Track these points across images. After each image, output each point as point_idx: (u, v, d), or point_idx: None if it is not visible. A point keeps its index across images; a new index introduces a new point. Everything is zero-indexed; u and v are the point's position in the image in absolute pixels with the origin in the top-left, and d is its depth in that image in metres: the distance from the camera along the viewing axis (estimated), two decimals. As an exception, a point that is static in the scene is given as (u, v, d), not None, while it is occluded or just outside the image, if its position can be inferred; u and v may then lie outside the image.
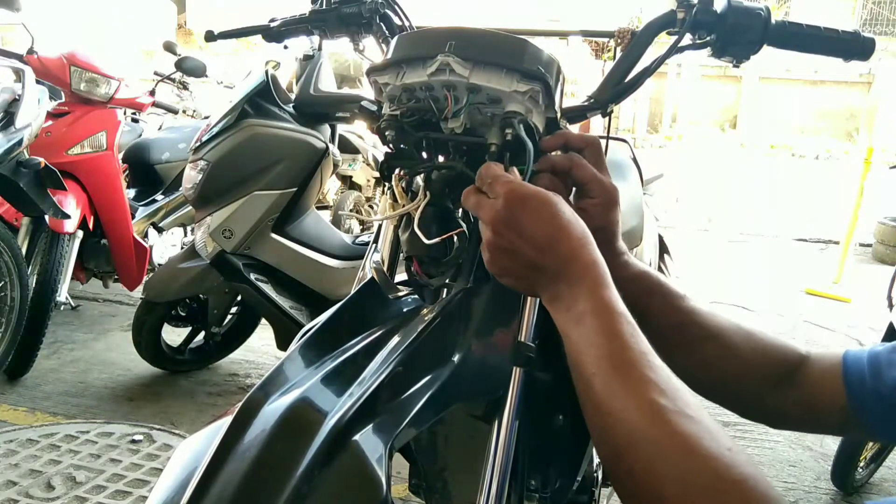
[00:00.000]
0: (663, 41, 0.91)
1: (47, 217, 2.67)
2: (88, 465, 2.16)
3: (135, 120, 3.81)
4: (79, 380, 2.82)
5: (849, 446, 2.20)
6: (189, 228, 3.53)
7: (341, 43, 1.17)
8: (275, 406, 0.60)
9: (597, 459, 1.04)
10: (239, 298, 2.81)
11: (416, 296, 0.83)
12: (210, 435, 0.61)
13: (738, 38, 0.88)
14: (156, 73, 3.96)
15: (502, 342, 0.76)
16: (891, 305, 2.14)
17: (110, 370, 2.91)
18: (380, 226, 0.93)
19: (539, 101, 0.73)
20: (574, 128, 0.87)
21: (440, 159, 0.78)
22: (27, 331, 2.67)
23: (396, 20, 1.12)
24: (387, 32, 1.10)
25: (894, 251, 5.22)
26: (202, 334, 2.92)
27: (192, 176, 2.48)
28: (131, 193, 3.42)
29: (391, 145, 0.77)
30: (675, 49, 0.90)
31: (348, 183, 4.54)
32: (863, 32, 0.89)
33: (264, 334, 2.99)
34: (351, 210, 4.25)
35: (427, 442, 0.90)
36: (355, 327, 0.74)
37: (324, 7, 1.14)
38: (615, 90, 0.88)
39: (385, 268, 0.85)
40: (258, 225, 2.49)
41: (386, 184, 0.79)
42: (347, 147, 4.11)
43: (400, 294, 0.82)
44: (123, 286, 3.23)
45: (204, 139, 2.47)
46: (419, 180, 0.78)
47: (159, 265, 3.25)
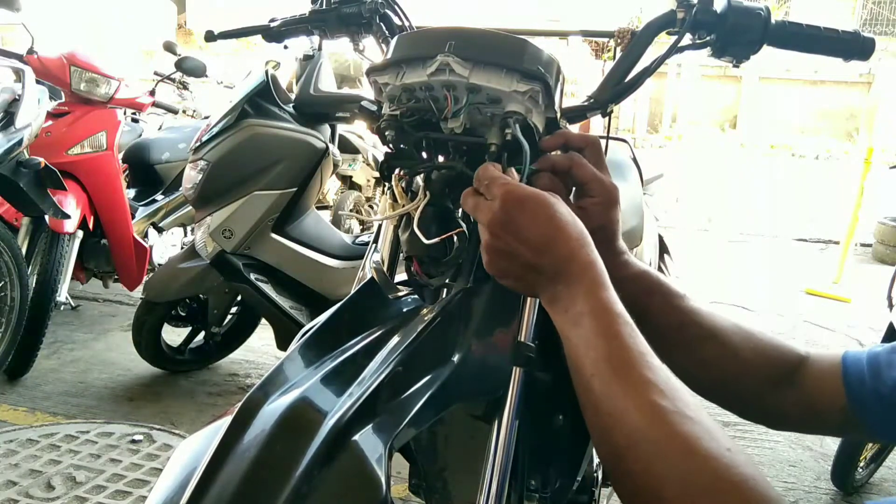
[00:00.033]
0: (663, 41, 0.91)
1: (47, 217, 2.68)
2: (88, 465, 2.16)
3: (135, 120, 3.81)
4: (79, 380, 2.82)
5: (849, 446, 2.20)
6: (189, 228, 3.53)
7: (341, 43, 1.16)
8: (274, 406, 0.60)
9: (597, 459, 1.04)
10: (239, 298, 2.82)
11: (416, 296, 0.82)
12: (210, 435, 0.61)
13: (738, 38, 0.88)
14: (156, 73, 3.96)
15: (502, 342, 0.76)
16: (891, 305, 2.14)
17: (110, 370, 2.91)
18: (380, 226, 0.93)
19: (539, 101, 0.73)
20: (574, 128, 0.87)
21: (440, 159, 0.78)
22: (27, 331, 2.67)
23: (396, 20, 1.12)
24: (387, 32, 1.10)
25: (894, 251, 5.22)
26: (202, 334, 2.92)
27: (192, 176, 2.48)
28: (131, 193, 3.42)
29: (391, 145, 0.77)
30: (675, 49, 0.90)
31: (348, 183, 4.54)
32: (863, 32, 0.89)
33: (264, 334, 2.99)
34: (351, 210, 4.25)
35: (427, 442, 0.90)
36: (355, 327, 0.74)
37: (324, 7, 1.14)
38: (615, 90, 0.88)
39: (385, 268, 0.85)
40: (258, 225, 2.50)
41: (386, 184, 0.79)
42: (347, 147, 4.12)
43: (400, 294, 0.82)
44: (123, 286, 3.23)
45: (204, 139, 2.47)
46: (419, 180, 0.78)
47: (159, 265, 3.25)
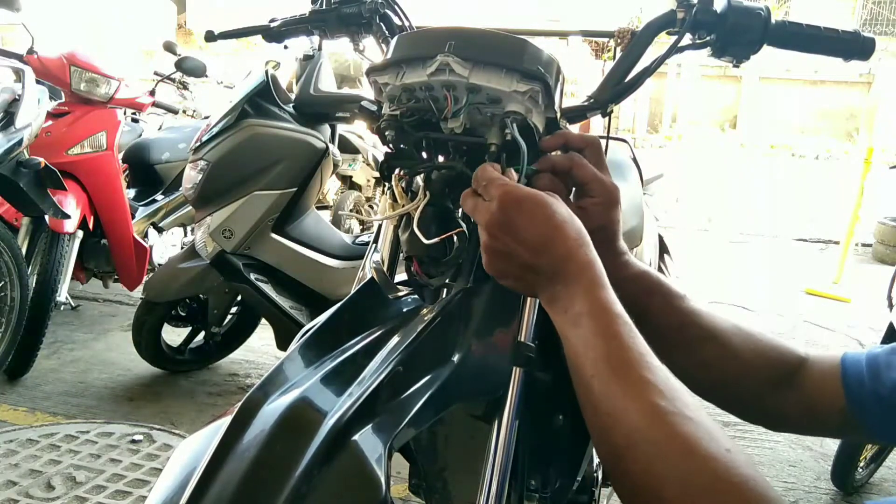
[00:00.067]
0: (663, 41, 0.91)
1: (47, 217, 2.68)
2: (88, 465, 2.16)
3: (135, 120, 3.81)
4: (79, 380, 2.82)
5: (849, 446, 2.20)
6: (189, 228, 3.53)
7: (341, 43, 1.16)
8: (274, 406, 0.60)
9: (597, 459, 1.04)
10: (239, 298, 2.82)
11: (416, 296, 0.82)
12: (210, 435, 0.61)
13: (738, 38, 0.88)
14: (156, 73, 3.96)
15: (502, 342, 0.75)
16: (891, 305, 2.14)
17: (110, 370, 2.91)
18: (380, 226, 0.93)
19: (539, 101, 0.73)
20: (574, 128, 0.87)
21: (440, 159, 0.78)
22: (27, 331, 2.67)
23: (396, 20, 1.12)
24: (387, 32, 1.10)
25: (894, 251, 5.22)
26: (202, 334, 2.92)
27: (192, 176, 2.48)
28: (131, 193, 3.42)
29: (391, 145, 0.77)
30: (675, 49, 0.90)
31: (348, 183, 4.54)
32: (863, 32, 0.89)
33: (264, 334, 2.99)
34: (351, 210, 4.25)
35: (427, 442, 0.90)
36: (355, 327, 0.74)
37: (324, 7, 1.14)
38: (615, 90, 0.88)
39: (385, 268, 0.85)
40: (258, 225, 2.50)
41: (386, 184, 0.79)
42: (347, 147, 4.11)
43: (400, 294, 0.82)
44: (123, 286, 3.23)
45: (204, 139, 2.47)
46: (419, 180, 0.78)
47: (159, 265, 3.25)
